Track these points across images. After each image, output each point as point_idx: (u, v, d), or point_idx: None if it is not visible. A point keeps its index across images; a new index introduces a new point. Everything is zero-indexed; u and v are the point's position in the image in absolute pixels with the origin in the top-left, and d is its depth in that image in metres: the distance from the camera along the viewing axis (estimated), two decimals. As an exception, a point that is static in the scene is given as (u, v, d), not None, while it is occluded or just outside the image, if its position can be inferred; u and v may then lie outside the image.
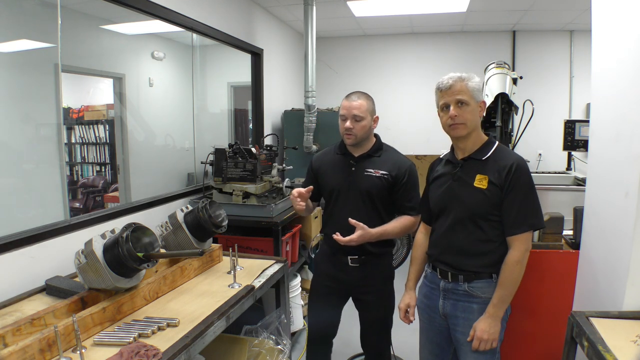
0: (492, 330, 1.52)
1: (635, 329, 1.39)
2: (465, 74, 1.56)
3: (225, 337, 1.96)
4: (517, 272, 1.51)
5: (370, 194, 1.93)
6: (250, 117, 4.55)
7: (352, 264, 1.97)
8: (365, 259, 1.96)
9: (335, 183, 1.99)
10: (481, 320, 1.54)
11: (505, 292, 1.52)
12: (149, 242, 1.50)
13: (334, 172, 2.01)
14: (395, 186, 1.95)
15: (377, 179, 1.93)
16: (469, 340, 1.56)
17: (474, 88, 1.55)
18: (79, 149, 4.43)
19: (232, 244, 2.07)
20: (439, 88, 1.59)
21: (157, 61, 3.62)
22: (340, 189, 1.98)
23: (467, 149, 1.62)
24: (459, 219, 1.60)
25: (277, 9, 4.42)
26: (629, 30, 1.58)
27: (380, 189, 1.93)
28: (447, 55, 5.39)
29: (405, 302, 1.81)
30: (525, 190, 1.52)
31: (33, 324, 1.27)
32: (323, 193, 2.08)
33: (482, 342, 1.52)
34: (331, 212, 2.02)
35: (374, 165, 1.96)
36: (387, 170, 1.94)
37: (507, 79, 2.66)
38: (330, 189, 2.01)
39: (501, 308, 1.53)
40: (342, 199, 1.97)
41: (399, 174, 1.94)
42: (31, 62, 2.31)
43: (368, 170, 1.95)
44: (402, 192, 1.96)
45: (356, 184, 1.94)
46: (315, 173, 2.09)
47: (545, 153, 5.14)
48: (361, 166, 1.97)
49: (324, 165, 2.06)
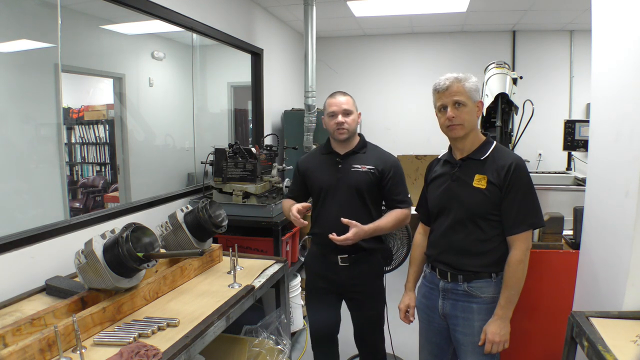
0: (502, 332, 1.52)
1: (635, 329, 1.39)
2: (462, 75, 1.56)
3: (225, 337, 1.96)
4: (520, 271, 1.52)
5: (359, 190, 1.95)
6: (250, 117, 4.55)
7: (342, 264, 1.98)
8: (355, 258, 1.97)
9: (324, 182, 2.00)
10: (491, 323, 1.54)
11: (512, 292, 1.52)
12: (149, 242, 1.50)
13: (321, 172, 2.03)
14: (382, 181, 1.98)
15: (365, 174, 1.96)
16: (480, 345, 1.56)
17: (471, 88, 1.55)
18: (79, 149, 4.43)
19: (232, 244, 2.07)
20: (436, 89, 1.59)
21: (157, 61, 3.62)
22: (328, 187, 1.99)
23: (465, 149, 1.62)
24: (459, 219, 1.60)
25: (277, 9, 4.42)
26: (629, 31, 1.58)
27: (368, 184, 1.95)
28: (447, 55, 5.39)
29: (405, 303, 1.82)
30: (525, 190, 1.52)
31: (33, 324, 1.27)
32: (312, 193, 2.10)
33: (494, 345, 1.52)
34: (320, 212, 2.02)
35: (360, 161, 1.98)
36: (373, 165, 1.97)
37: (507, 79, 2.66)
38: (319, 188, 2.02)
39: (509, 309, 1.53)
40: (331, 196, 1.98)
41: (385, 169, 1.97)
42: (31, 62, 2.31)
43: (355, 166, 1.97)
44: (389, 187, 1.98)
45: (344, 181, 1.96)
46: (302, 175, 2.10)
47: (545, 153, 5.14)
48: (348, 163, 1.99)
49: (311, 166, 2.08)
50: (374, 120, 5.63)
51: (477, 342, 1.56)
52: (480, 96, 1.59)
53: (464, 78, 1.55)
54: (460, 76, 1.56)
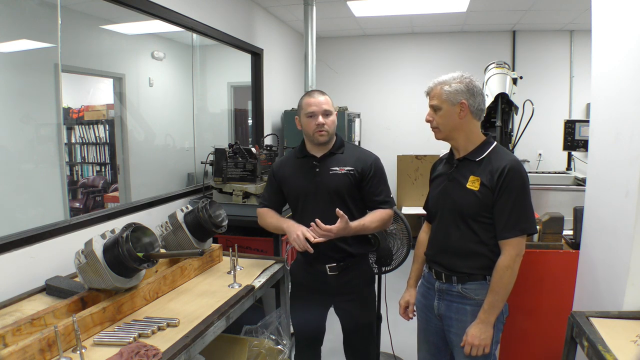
0: (483, 336, 1.50)
1: (635, 329, 1.39)
2: (448, 77, 1.56)
3: (225, 337, 1.96)
4: (507, 277, 1.48)
5: (339, 193, 1.84)
6: (250, 117, 4.55)
7: (331, 273, 1.87)
8: (344, 265, 1.87)
9: (301, 188, 1.88)
10: (472, 326, 1.53)
11: (496, 298, 1.50)
12: (149, 242, 1.51)
13: (297, 177, 1.90)
14: (362, 182, 1.87)
15: (344, 176, 1.84)
16: (461, 346, 1.56)
17: (450, 92, 1.53)
18: (79, 149, 4.43)
19: (232, 244, 2.07)
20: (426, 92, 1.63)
21: (157, 61, 3.62)
22: (307, 193, 1.87)
23: (460, 149, 1.61)
24: (452, 220, 1.59)
25: (277, 9, 4.42)
26: (629, 31, 1.58)
27: (348, 187, 1.84)
28: (447, 55, 5.39)
29: (405, 299, 1.82)
30: (517, 194, 1.49)
31: (33, 324, 1.27)
32: (289, 200, 1.97)
33: (473, 348, 1.52)
34: (300, 219, 1.87)
35: (337, 163, 1.86)
36: (352, 165, 1.85)
37: (507, 79, 2.67)
38: (296, 195, 1.90)
39: (492, 314, 1.51)
40: (311, 202, 1.86)
41: (365, 168, 1.86)
42: (31, 62, 2.31)
43: (333, 169, 1.85)
44: (370, 187, 1.87)
45: (323, 185, 1.84)
46: (278, 181, 1.96)
47: (545, 153, 5.14)
48: (325, 165, 1.87)
49: (287, 171, 1.95)
50: (374, 120, 5.65)
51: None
52: (474, 96, 1.57)
53: (446, 81, 1.55)
54: (442, 79, 1.56)
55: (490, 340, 1.52)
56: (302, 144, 1.95)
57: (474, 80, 1.57)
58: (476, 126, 1.59)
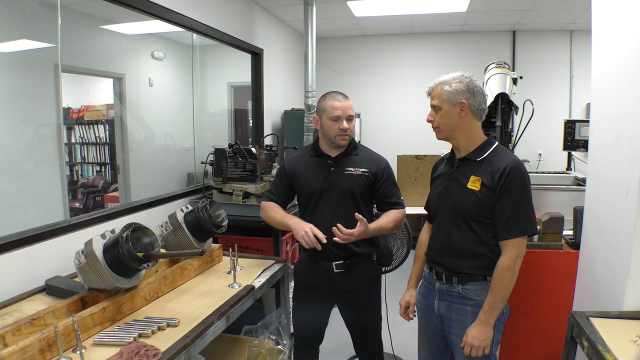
0: (483, 337, 1.50)
1: (635, 329, 1.39)
2: (448, 77, 1.56)
3: (225, 337, 1.96)
4: (507, 278, 1.48)
5: (352, 193, 1.87)
6: (250, 117, 4.55)
7: (337, 270, 1.88)
8: (350, 263, 1.88)
9: (315, 185, 1.90)
10: (472, 327, 1.53)
11: (496, 298, 1.50)
12: (149, 242, 1.51)
13: (311, 175, 1.92)
14: (375, 184, 1.91)
15: (359, 177, 1.88)
16: (461, 347, 1.55)
17: (450, 91, 1.53)
18: (79, 149, 4.43)
19: (232, 244, 2.07)
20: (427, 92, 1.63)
21: (157, 61, 3.62)
22: (321, 191, 1.89)
23: (461, 149, 1.61)
24: (452, 220, 1.59)
25: (277, 9, 4.42)
26: (629, 31, 1.58)
27: (362, 188, 1.88)
28: (447, 55, 5.39)
29: (406, 300, 1.81)
30: (518, 194, 1.48)
31: (33, 324, 1.27)
32: (300, 198, 1.98)
33: (473, 349, 1.51)
34: (311, 217, 1.89)
35: (352, 164, 1.90)
36: (367, 167, 1.90)
37: (507, 79, 2.67)
38: (310, 193, 1.91)
39: (492, 314, 1.51)
40: (324, 201, 1.88)
41: (379, 171, 1.91)
42: (31, 62, 2.31)
43: (348, 169, 1.89)
44: (383, 189, 1.91)
45: (338, 184, 1.87)
46: (289, 178, 1.97)
47: (545, 153, 5.14)
48: (340, 165, 1.90)
49: (300, 168, 1.95)
50: (374, 120, 5.65)
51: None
52: (474, 96, 1.56)
53: (447, 81, 1.55)
54: (443, 79, 1.56)
55: (490, 341, 1.52)
56: (316, 142, 1.97)
57: (474, 79, 1.56)
58: (477, 126, 1.59)
